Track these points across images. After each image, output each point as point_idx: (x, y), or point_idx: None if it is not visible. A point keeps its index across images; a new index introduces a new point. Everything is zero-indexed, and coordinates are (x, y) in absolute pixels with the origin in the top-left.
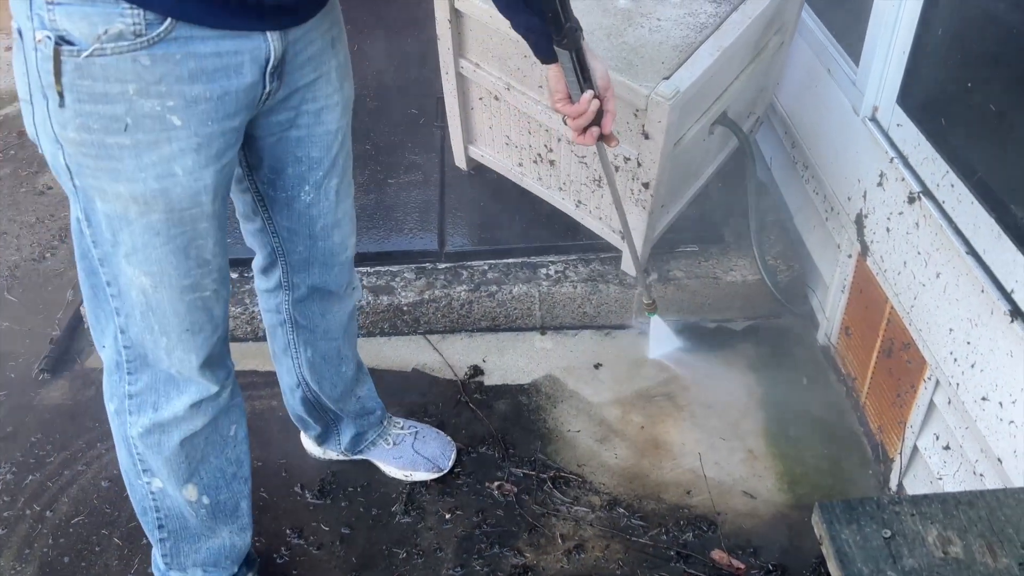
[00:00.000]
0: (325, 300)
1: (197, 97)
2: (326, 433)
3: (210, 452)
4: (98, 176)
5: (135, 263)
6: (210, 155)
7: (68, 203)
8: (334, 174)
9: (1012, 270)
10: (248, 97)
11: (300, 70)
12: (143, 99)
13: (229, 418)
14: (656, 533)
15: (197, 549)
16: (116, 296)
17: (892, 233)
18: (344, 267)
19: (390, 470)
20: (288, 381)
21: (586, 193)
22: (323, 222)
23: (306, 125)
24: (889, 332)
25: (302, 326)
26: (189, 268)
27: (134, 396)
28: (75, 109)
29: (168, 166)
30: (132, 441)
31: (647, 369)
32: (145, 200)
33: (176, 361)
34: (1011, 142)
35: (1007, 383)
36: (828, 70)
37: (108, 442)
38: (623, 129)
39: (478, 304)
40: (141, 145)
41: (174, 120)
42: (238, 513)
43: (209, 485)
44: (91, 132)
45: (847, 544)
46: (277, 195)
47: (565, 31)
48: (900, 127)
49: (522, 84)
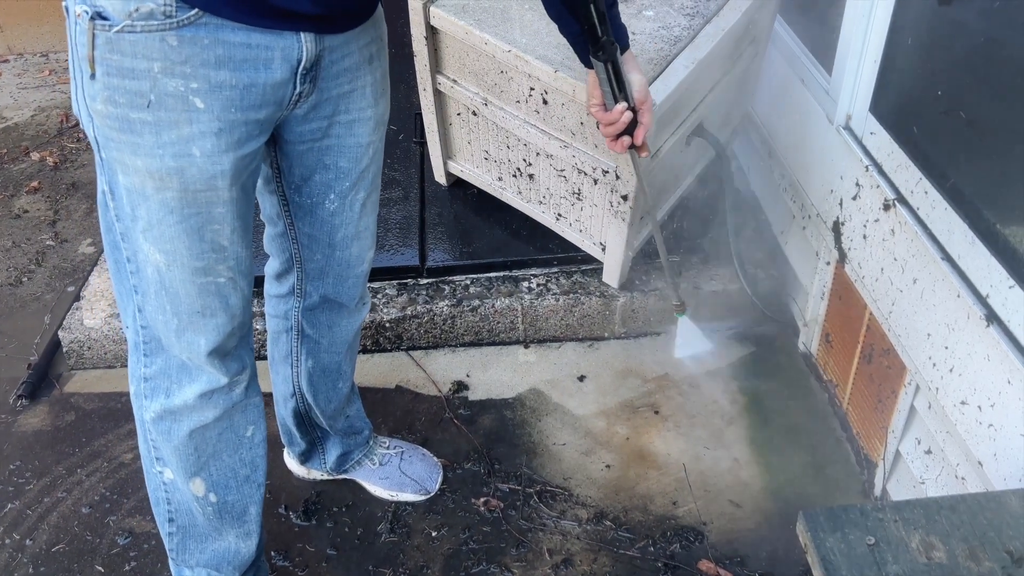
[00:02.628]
0: (335, 312)
1: (222, 83)
2: (311, 451)
3: (223, 449)
4: (121, 149)
5: (151, 239)
6: (230, 141)
7: (43, 227)
8: (361, 187)
9: (986, 275)
10: (276, 93)
11: (335, 79)
12: (167, 78)
13: (246, 417)
14: (643, 545)
15: (203, 549)
16: (135, 272)
17: (869, 240)
18: (358, 280)
19: (376, 490)
20: (283, 390)
21: (566, 206)
22: (343, 232)
23: (337, 135)
24: (869, 338)
25: (308, 335)
26: (203, 250)
27: (149, 379)
28: (104, 82)
29: (186, 146)
30: (147, 426)
31: (631, 380)
32: (160, 176)
33: (186, 345)
34: (981, 149)
35: (985, 387)
36: (802, 80)
37: (88, 468)
38: (601, 143)
39: (461, 319)
40: (162, 123)
41: (196, 102)
42: (246, 517)
43: (218, 483)
44: (117, 106)
45: (832, 552)
46: (302, 201)
47: (601, 44)
48: (873, 135)
49: (499, 99)
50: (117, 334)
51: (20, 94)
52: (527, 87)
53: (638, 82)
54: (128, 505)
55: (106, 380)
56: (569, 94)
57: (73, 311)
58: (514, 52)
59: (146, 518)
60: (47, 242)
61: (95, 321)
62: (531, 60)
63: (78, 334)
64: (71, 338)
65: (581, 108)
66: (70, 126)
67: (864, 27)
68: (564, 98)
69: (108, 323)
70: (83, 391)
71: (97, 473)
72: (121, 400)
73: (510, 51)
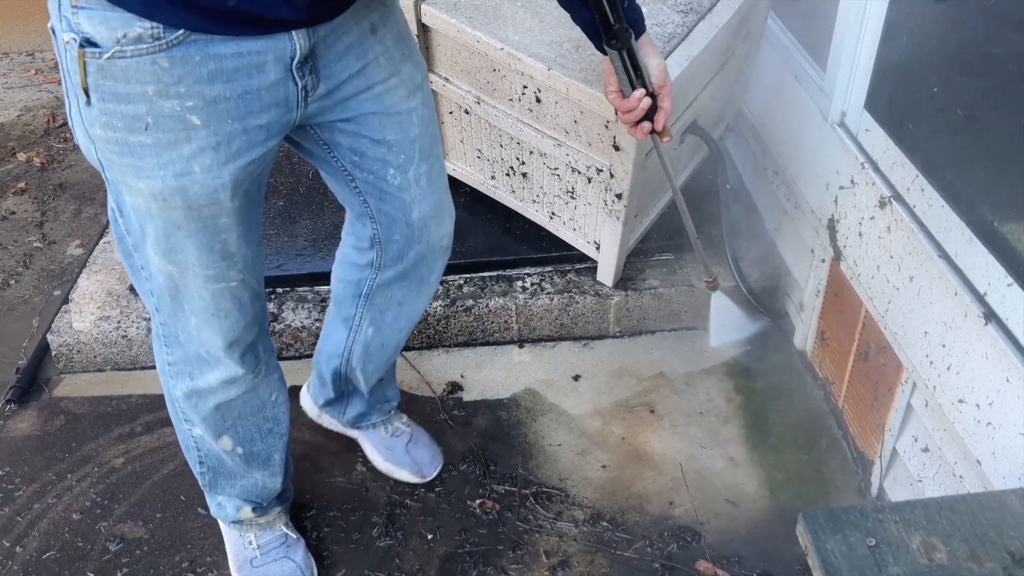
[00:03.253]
0: (409, 291)
1: (217, 97)
2: (335, 401)
3: (247, 413)
4: (124, 171)
5: (160, 253)
6: (229, 153)
7: (30, 229)
8: (420, 160)
9: (984, 273)
10: (275, 95)
11: (339, 61)
12: (163, 100)
13: (269, 388)
14: (640, 546)
15: (233, 485)
16: (148, 279)
17: (864, 237)
18: (437, 256)
19: (375, 459)
20: (331, 349)
21: (559, 205)
22: (419, 211)
23: (371, 112)
24: (865, 336)
25: (376, 306)
26: (213, 260)
27: (172, 364)
28: (100, 108)
29: (187, 164)
30: (175, 399)
31: (626, 379)
32: (164, 197)
33: (205, 341)
34: (978, 146)
35: (983, 385)
36: (795, 76)
37: (79, 473)
38: (595, 141)
39: (455, 319)
40: (161, 144)
41: (194, 120)
42: (271, 462)
43: (244, 438)
44: (115, 130)
45: (833, 554)
46: (366, 177)
47: (614, 32)
48: (869, 132)
49: (492, 97)
50: (107, 337)
51: (6, 94)
52: (520, 85)
53: (656, 66)
54: (119, 511)
55: (96, 384)
56: (563, 92)
57: (62, 314)
58: (507, 50)
59: (137, 524)
60: (34, 244)
61: (84, 324)
62: (524, 58)
63: (67, 337)
64: (60, 342)
65: (575, 106)
66: (57, 126)
67: (859, 23)
68: (557, 96)
69: (97, 326)
70: (73, 395)
71: (88, 478)
72: (111, 404)
73: (503, 49)
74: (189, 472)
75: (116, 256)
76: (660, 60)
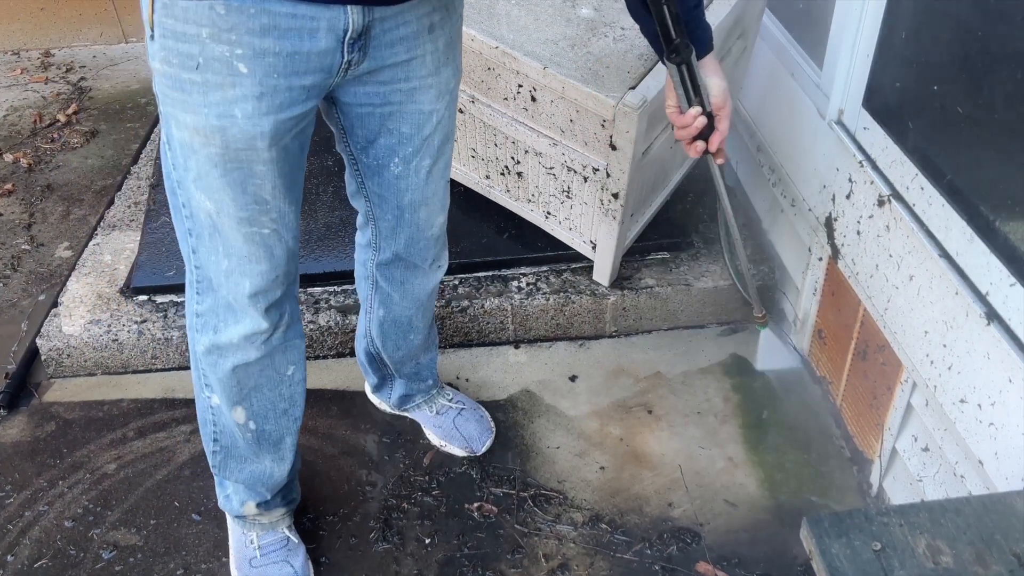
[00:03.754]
0: (408, 270)
1: (266, 50)
2: (381, 384)
3: (264, 384)
4: (174, 105)
5: (200, 188)
6: (272, 105)
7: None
8: (426, 154)
9: (986, 272)
10: (322, 61)
11: (390, 48)
12: (215, 43)
13: (287, 357)
14: (640, 548)
15: (241, 469)
16: (189, 217)
17: (863, 236)
18: (430, 243)
19: (431, 435)
20: (360, 329)
21: (555, 204)
22: (411, 197)
23: (398, 102)
24: (863, 335)
25: (381, 287)
26: (246, 202)
27: (200, 315)
28: (160, 43)
29: (229, 107)
30: (197, 356)
31: (623, 379)
32: (205, 133)
33: (232, 286)
34: (980, 145)
35: (985, 385)
36: (791, 73)
37: (70, 479)
38: (591, 140)
39: (450, 320)
40: (209, 84)
41: (240, 67)
42: (281, 445)
43: (258, 413)
44: (171, 65)
45: (837, 559)
46: (370, 161)
47: (674, 46)
48: (867, 130)
49: (487, 96)
50: (97, 341)
51: None
52: (515, 84)
53: (716, 87)
54: (112, 518)
55: (87, 388)
56: (558, 91)
57: (51, 318)
58: (502, 49)
59: (131, 531)
60: (23, 246)
61: (74, 328)
62: (519, 57)
63: (57, 342)
64: (49, 346)
65: (570, 105)
66: (44, 126)
67: (856, 20)
68: (553, 95)
69: (87, 330)
70: (63, 400)
71: (80, 485)
72: (103, 408)
73: (497, 48)
74: (183, 478)
75: (105, 258)
76: (722, 82)
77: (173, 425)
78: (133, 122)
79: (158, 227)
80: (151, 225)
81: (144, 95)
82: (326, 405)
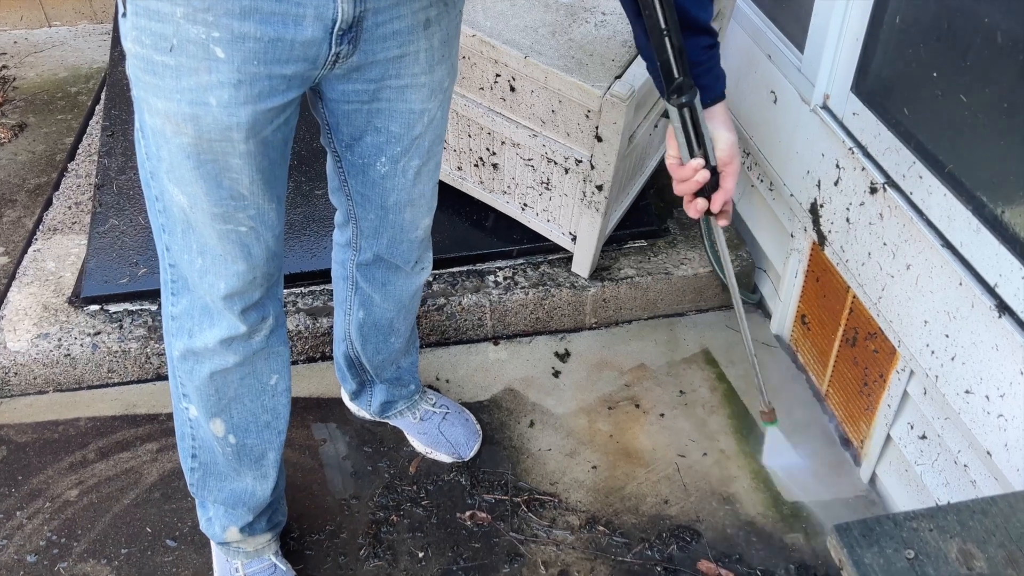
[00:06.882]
0: (390, 271)
1: (245, 35)
2: (360, 391)
3: (245, 394)
4: (146, 89)
5: (173, 180)
6: (250, 94)
7: None
8: (415, 154)
9: (995, 264)
10: (307, 51)
11: (382, 42)
12: (190, 24)
13: (269, 366)
14: (640, 549)
15: (221, 487)
16: (162, 212)
17: (853, 224)
18: (414, 244)
19: (415, 443)
20: (338, 332)
21: (532, 196)
22: (396, 197)
23: (388, 99)
24: (852, 322)
25: (362, 288)
26: (221, 197)
27: (176, 318)
28: (133, 22)
29: (203, 94)
30: (174, 363)
31: (607, 372)
32: (177, 121)
33: (207, 286)
34: (986, 132)
35: (993, 377)
36: (769, 56)
37: (29, 509)
38: (573, 131)
39: (426, 319)
40: (183, 68)
41: (217, 52)
42: (264, 461)
43: (238, 426)
44: (143, 46)
45: (871, 569)
46: (355, 160)
47: (675, 85)
48: (856, 116)
49: (461, 86)
50: (47, 357)
51: None
52: (492, 73)
53: (724, 140)
54: (79, 548)
55: (38, 408)
56: (540, 80)
57: None
58: (479, 37)
59: (100, 562)
60: None
61: (20, 343)
62: (498, 45)
63: (1, 359)
64: None
65: (553, 95)
66: None
67: (844, 3)
68: (534, 85)
69: (35, 345)
70: (13, 422)
71: (40, 515)
72: (58, 429)
73: (474, 36)
74: (153, 500)
75: (48, 265)
76: (731, 135)
77: (137, 443)
78: (64, 113)
79: (107, 231)
80: (99, 229)
81: (74, 83)
82: (300, 414)
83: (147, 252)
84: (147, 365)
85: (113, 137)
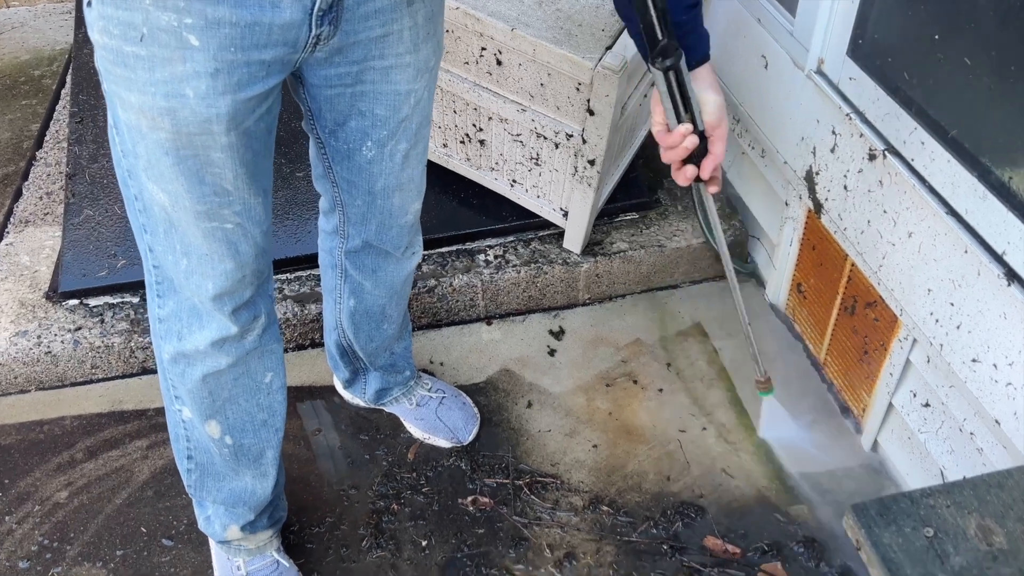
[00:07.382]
0: (380, 257)
1: (220, 20)
2: (353, 379)
3: (239, 394)
4: (118, 83)
5: (152, 178)
6: (228, 83)
7: None
8: (402, 137)
9: (1002, 231)
10: (286, 35)
11: (364, 22)
12: (159, 11)
13: (263, 364)
14: (645, 528)
15: (220, 488)
16: (143, 211)
17: (851, 191)
18: (403, 230)
19: (412, 429)
20: (329, 321)
21: (522, 172)
22: (384, 182)
23: (372, 81)
24: (851, 290)
25: (352, 276)
26: (204, 194)
27: (163, 320)
28: (99, 11)
29: (179, 86)
30: (164, 365)
31: (603, 349)
32: (152, 116)
33: (194, 287)
34: (992, 97)
35: (1002, 345)
36: (758, 19)
37: (18, 513)
38: (563, 105)
39: (417, 301)
40: (155, 59)
41: (191, 39)
42: (262, 460)
43: (234, 426)
44: (111, 37)
45: (891, 549)
46: (339, 145)
47: (659, 48)
48: (853, 81)
49: (445, 61)
50: (27, 355)
51: None
52: (478, 47)
53: (712, 102)
54: (72, 552)
55: (21, 408)
56: (528, 53)
57: None
58: (463, 9)
59: (96, 565)
60: None
61: None
62: (483, 17)
63: None
64: None
65: (541, 68)
66: None
67: None
68: (522, 58)
69: (14, 343)
70: None
71: (30, 519)
72: (43, 429)
73: (458, 8)
74: (146, 499)
75: (22, 259)
76: (718, 97)
77: (126, 441)
78: (29, 99)
79: (82, 222)
80: (73, 220)
81: (37, 67)
82: (293, 404)
83: (125, 243)
84: (132, 359)
85: (82, 124)
